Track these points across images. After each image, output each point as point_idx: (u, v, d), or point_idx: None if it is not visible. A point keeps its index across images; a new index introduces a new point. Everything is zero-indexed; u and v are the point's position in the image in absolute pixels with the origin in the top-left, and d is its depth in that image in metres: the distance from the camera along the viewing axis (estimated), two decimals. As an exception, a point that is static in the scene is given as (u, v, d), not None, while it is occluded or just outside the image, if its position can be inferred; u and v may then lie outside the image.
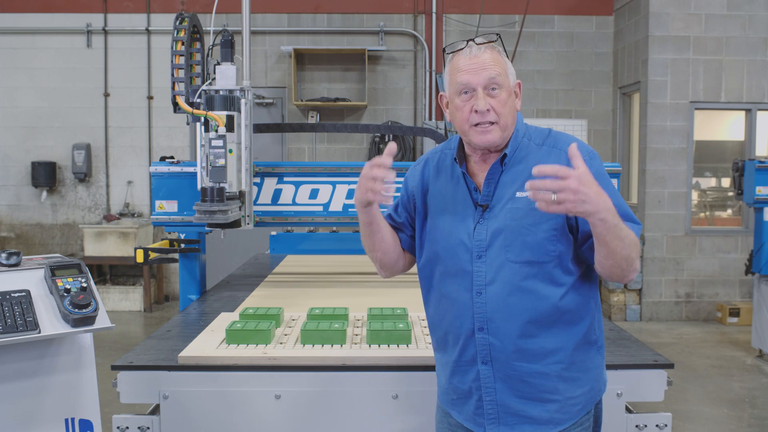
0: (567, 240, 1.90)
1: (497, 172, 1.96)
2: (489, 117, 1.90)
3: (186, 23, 3.37)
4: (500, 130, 1.91)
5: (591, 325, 1.97)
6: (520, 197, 1.90)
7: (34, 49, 8.93)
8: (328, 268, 4.34)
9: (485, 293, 1.91)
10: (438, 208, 2.04)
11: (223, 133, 3.08)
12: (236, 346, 2.44)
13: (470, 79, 1.89)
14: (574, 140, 1.98)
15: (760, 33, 8.04)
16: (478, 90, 1.89)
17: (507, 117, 1.93)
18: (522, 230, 1.88)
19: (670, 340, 7.32)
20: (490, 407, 1.95)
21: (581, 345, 1.95)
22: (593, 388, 1.98)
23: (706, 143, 8.51)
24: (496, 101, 1.90)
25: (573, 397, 1.93)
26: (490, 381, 1.94)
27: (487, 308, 1.91)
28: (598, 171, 1.90)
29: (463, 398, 2.01)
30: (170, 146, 8.91)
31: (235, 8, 3.81)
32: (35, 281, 2.04)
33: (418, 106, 9.03)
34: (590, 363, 1.98)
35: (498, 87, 1.90)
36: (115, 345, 6.61)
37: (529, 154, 1.96)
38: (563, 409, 1.93)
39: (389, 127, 7.96)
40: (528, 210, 1.88)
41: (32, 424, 2.05)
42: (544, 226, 1.87)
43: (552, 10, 8.94)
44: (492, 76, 1.89)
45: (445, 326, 2.02)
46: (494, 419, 1.95)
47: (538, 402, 1.92)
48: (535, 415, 1.92)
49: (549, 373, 1.91)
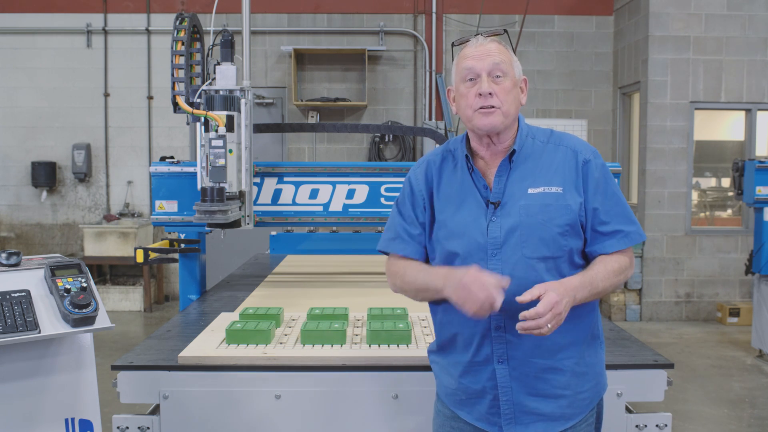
0: (578, 236, 1.95)
1: (506, 169, 1.98)
2: (491, 101, 1.93)
3: (186, 23, 3.37)
4: (502, 116, 1.94)
5: (595, 319, 2.03)
6: (532, 194, 1.93)
7: (34, 49, 8.94)
8: (328, 268, 4.34)
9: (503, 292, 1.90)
10: (447, 208, 2.02)
11: (223, 133, 3.07)
12: (236, 346, 2.44)
13: (474, 64, 1.94)
14: (578, 139, 2.03)
15: (760, 33, 8.04)
16: (483, 75, 1.93)
17: (510, 105, 1.95)
18: (537, 226, 1.91)
19: (670, 340, 7.32)
20: (507, 407, 1.96)
21: (589, 339, 2.00)
22: (599, 382, 2.03)
23: (706, 143, 8.50)
24: (499, 88, 1.94)
25: (582, 391, 1.97)
26: (507, 380, 1.95)
27: (505, 306, 1.88)
28: (603, 172, 1.98)
29: (475, 398, 2.00)
30: (170, 146, 8.91)
31: (235, 8, 3.81)
32: (35, 281, 2.04)
33: (418, 106, 9.03)
34: (596, 357, 2.03)
35: (502, 75, 1.94)
36: (115, 345, 6.61)
37: (536, 151, 2.00)
38: (573, 404, 1.96)
39: (389, 127, 7.96)
40: (542, 206, 1.92)
41: (32, 424, 2.05)
42: (557, 221, 1.91)
43: (552, 10, 8.94)
44: (497, 62, 1.93)
45: (456, 327, 2.00)
46: (510, 419, 1.96)
47: (551, 399, 1.94)
48: (548, 412, 1.94)
49: (563, 369, 1.94)
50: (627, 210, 1.98)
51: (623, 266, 1.95)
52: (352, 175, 3.62)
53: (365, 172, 3.62)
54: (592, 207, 1.94)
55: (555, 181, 1.94)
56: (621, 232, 1.95)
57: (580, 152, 1.98)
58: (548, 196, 1.92)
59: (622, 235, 1.95)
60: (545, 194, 1.93)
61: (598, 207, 1.94)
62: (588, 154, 1.98)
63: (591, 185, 1.95)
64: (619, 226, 1.95)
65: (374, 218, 3.63)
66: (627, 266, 1.96)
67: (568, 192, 1.93)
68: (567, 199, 1.93)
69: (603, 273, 1.91)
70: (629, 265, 1.97)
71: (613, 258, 1.94)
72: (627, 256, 1.98)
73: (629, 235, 1.95)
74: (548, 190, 1.93)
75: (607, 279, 1.91)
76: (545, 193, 1.93)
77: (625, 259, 1.96)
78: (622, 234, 1.95)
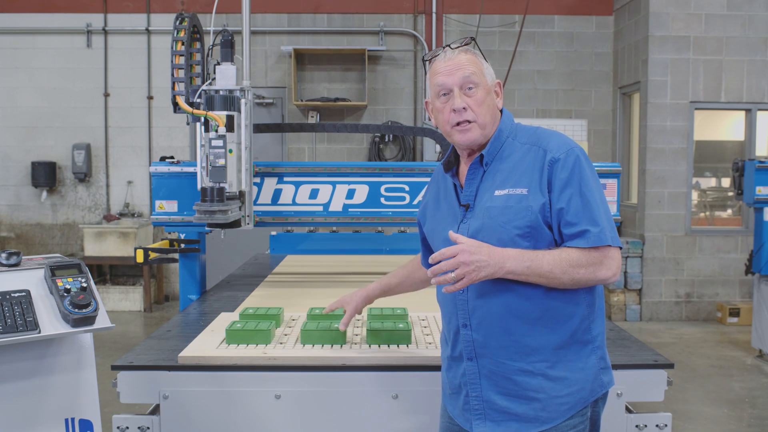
0: (541, 237, 1.90)
1: (479, 172, 2.01)
2: (466, 115, 1.96)
3: (186, 23, 3.36)
4: (479, 128, 1.98)
5: (582, 324, 1.95)
6: (497, 195, 1.94)
7: (34, 49, 8.94)
8: (328, 268, 4.34)
9: (467, 290, 1.95)
10: (434, 213, 2.16)
11: (223, 133, 3.07)
12: (236, 346, 2.44)
13: (446, 80, 1.97)
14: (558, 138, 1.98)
15: (760, 33, 8.04)
16: (455, 90, 1.96)
17: (485, 116, 1.98)
18: (497, 228, 1.91)
19: (670, 340, 7.32)
20: (476, 403, 1.98)
21: (570, 344, 1.93)
22: (584, 388, 1.94)
23: (706, 143, 8.51)
24: (472, 100, 1.96)
25: (559, 396, 1.92)
26: (476, 377, 1.97)
27: (469, 305, 1.96)
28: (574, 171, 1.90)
29: (455, 393, 2.06)
30: (170, 146, 8.91)
31: (235, 8, 3.81)
32: (35, 281, 2.03)
33: (418, 106, 9.03)
34: (581, 363, 1.94)
35: (474, 86, 1.96)
36: (115, 345, 6.61)
37: (513, 152, 1.99)
38: (548, 408, 1.92)
39: (389, 127, 7.96)
40: (503, 208, 1.92)
41: (32, 424, 2.05)
42: (516, 223, 1.90)
43: (552, 10, 8.94)
44: (467, 75, 1.95)
45: (444, 322, 2.10)
46: (480, 415, 1.97)
47: (523, 400, 1.92)
48: (520, 413, 1.93)
49: (533, 371, 1.91)
50: (596, 210, 1.88)
51: (588, 261, 1.85)
52: (352, 175, 3.62)
53: (365, 172, 3.63)
54: (558, 207, 1.88)
55: (522, 182, 1.92)
56: (587, 232, 1.86)
57: (550, 151, 1.92)
58: (511, 198, 1.91)
59: (587, 235, 1.85)
60: (509, 196, 1.92)
61: (563, 207, 1.88)
62: (558, 153, 1.91)
63: (557, 185, 1.89)
64: (585, 226, 1.86)
65: (374, 218, 3.63)
66: (594, 263, 1.86)
67: (532, 193, 1.90)
68: (529, 201, 1.89)
69: (552, 257, 1.84)
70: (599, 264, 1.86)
71: (576, 249, 1.86)
72: (601, 254, 1.86)
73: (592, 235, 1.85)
74: (513, 192, 1.92)
75: (556, 264, 1.83)
76: (509, 195, 1.92)
77: (594, 255, 1.86)
78: (588, 234, 1.85)
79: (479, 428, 1.97)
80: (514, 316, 1.91)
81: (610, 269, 1.88)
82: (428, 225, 2.18)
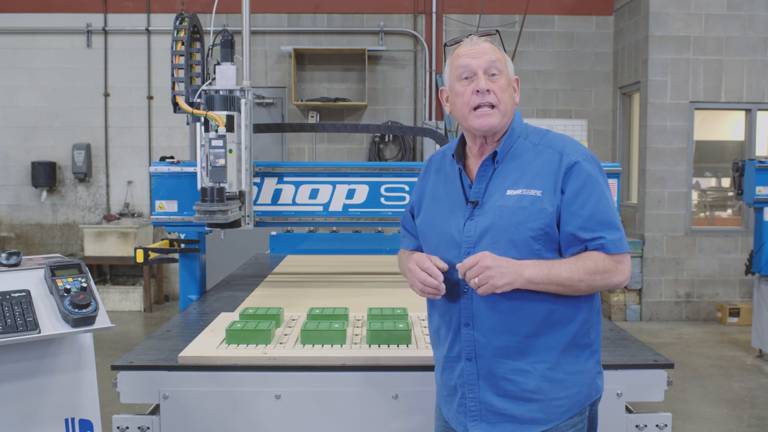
0: (553, 241, 1.90)
1: (489, 169, 1.98)
2: (489, 98, 1.93)
3: (186, 23, 3.36)
4: (500, 115, 1.94)
5: (582, 327, 1.95)
6: (510, 195, 1.91)
7: (34, 49, 8.93)
8: (328, 268, 4.34)
9: (471, 290, 1.92)
10: (431, 204, 2.09)
11: (223, 133, 3.07)
12: (236, 346, 2.44)
13: (471, 62, 1.95)
14: (572, 143, 1.98)
15: (760, 33, 8.04)
16: (479, 72, 1.94)
17: (507, 104, 1.96)
18: (509, 228, 1.88)
19: (670, 340, 7.32)
20: (473, 404, 1.96)
21: (570, 347, 1.93)
22: (581, 391, 1.95)
23: (706, 143, 8.50)
24: (496, 85, 1.94)
25: (557, 398, 1.92)
26: (474, 378, 1.95)
27: (473, 305, 1.93)
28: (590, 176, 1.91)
29: (451, 395, 2.03)
30: (170, 146, 8.91)
31: (235, 8, 3.81)
32: (35, 281, 2.03)
33: (418, 106, 9.03)
34: (580, 366, 1.95)
35: (498, 72, 1.95)
36: (115, 345, 6.61)
37: (525, 152, 1.97)
38: (545, 410, 1.91)
39: (389, 127, 7.96)
40: (516, 208, 1.89)
41: (32, 424, 2.05)
42: (531, 225, 1.88)
43: (552, 10, 8.94)
44: (492, 60, 1.94)
45: (437, 320, 2.06)
46: (476, 416, 1.96)
47: (520, 401, 1.91)
48: (517, 414, 1.92)
49: (532, 372, 1.90)
50: (613, 217, 1.90)
51: (603, 268, 1.85)
52: (352, 175, 3.62)
53: (365, 172, 3.62)
54: (573, 211, 1.87)
55: (535, 183, 1.90)
56: (606, 240, 1.86)
57: (567, 155, 1.91)
58: (525, 199, 1.89)
59: (603, 242, 1.86)
60: (522, 196, 1.89)
61: (580, 212, 1.87)
62: (577, 156, 1.91)
63: (573, 189, 1.88)
64: (603, 233, 1.86)
65: (374, 218, 3.63)
66: (609, 270, 1.86)
67: (546, 196, 1.88)
68: (544, 203, 1.88)
69: (569, 265, 1.84)
70: (614, 271, 1.87)
71: (592, 255, 1.86)
72: (614, 260, 1.87)
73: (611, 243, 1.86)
74: (526, 193, 1.90)
75: (574, 271, 1.83)
76: (522, 196, 1.89)
77: (608, 262, 1.86)
78: (604, 241, 1.86)
79: (474, 430, 1.96)
80: (519, 317, 1.89)
81: (624, 274, 1.90)
82: (423, 217, 2.11)
